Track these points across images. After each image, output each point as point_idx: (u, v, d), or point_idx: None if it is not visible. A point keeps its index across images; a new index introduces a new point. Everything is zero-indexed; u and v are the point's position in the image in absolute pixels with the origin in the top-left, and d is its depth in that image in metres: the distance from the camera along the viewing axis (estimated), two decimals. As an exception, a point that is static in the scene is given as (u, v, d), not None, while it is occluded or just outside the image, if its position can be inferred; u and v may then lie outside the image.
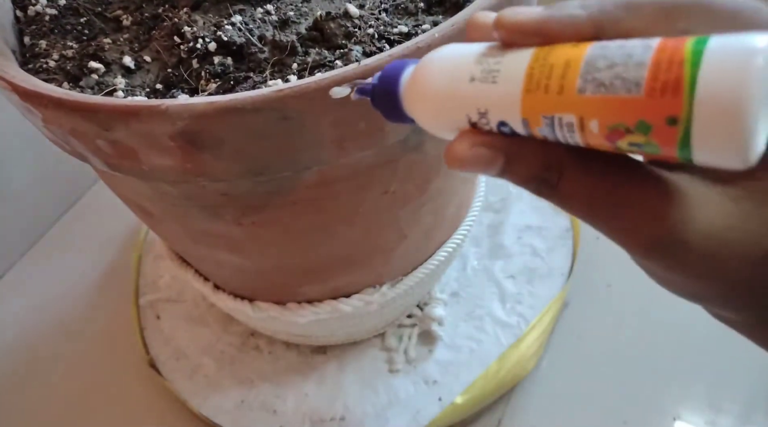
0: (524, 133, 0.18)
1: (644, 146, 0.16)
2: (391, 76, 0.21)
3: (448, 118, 0.19)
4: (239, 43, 0.30)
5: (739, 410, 0.45)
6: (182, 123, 0.25)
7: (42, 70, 0.31)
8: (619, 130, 0.16)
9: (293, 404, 0.47)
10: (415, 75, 0.20)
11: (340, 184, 0.31)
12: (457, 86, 0.18)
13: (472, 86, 0.18)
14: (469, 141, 0.19)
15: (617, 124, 0.16)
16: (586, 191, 0.18)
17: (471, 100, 0.18)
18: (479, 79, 0.18)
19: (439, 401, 0.46)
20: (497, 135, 0.18)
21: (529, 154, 0.18)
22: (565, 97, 0.16)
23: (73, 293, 0.59)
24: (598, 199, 0.18)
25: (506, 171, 0.19)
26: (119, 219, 0.62)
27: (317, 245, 0.36)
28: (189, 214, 0.33)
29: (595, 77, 0.16)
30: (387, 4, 0.31)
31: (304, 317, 0.41)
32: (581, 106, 0.16)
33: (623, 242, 0.19)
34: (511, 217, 0.57)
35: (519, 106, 0.17)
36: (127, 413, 0.50)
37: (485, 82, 0.18)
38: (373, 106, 0.22)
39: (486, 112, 0.18)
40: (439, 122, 0.20)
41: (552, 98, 0.17)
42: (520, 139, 0.18)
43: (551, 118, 0.17)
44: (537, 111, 0.17)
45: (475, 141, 0.19)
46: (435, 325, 0.50)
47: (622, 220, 0.18)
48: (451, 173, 0.37)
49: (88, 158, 0.29)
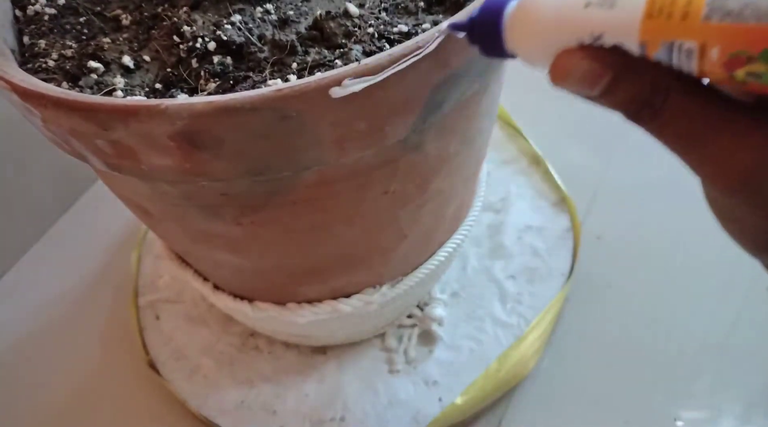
0: (639, 55, 0.18)
1: (764, 76, 0.16)
2: (494, 8, 0.21)
3: (558, 44, 0.20)
4: (239, 43, 0.30)
5: (739, 410, 0.45)
6: (181, 123, 0.25)
7: (41, 69, 0.31)
8: (741, 58, 0.16)
9: (293, 404, 0.47)
10: (524, 4, 0.20)
11: (340, 184, 0.31)
12: (571, 12, 0.19)
13: (587, 11, 0.19)
14: (580, 53, 0.19)
15: (740, 51, 0.16)
16: (687, 117, 0.18)
17: (586, 24, 0.19)
18: (596, 3, 0.19)
19: (439, 401, 0.46)
20: (609, 51, 0.19)
21: (638, 74, 0.19)
22: (689, 23, 0.17)
23: (72, 293, 0.59)
24: (698, 126, 0.18)
25: (609, 91, 0.19)
26: (118, 219, 0.62)
27: (317, 245, 0.36)
28: (188, 214, 0.33)
29: (723, 5, 0.16)
30: (387, 3, 0.31)
31: (303, 317, 0.41)
32: (705, 33, 0.17)
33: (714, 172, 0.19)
34: (512, 217, 0.57)
35: (638, 31, 0.18)
36: (126, 414, 0.50)
37: (602, 7, 0.19)
38: (470, 41, 0.22)
39: (601, 36, 0.19)
40: (547, 50, 0.20)
41: (674, 24, 0.17)
42: (632, 58, 0.19)
43: (671, 43, 0.17)
44: (657, 36, 0.18)
45: (585, 53, 0.19)
46: (435, 325, 0.50)
47: (720, 149, 0.18)
48: (452, 173, 0.37)
49: (87, 158, 0.29)
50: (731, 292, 0.52)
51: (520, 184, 0.60)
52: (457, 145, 0.35)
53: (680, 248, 0.55)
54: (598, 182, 0.61)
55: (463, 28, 0.23)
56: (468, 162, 0.39)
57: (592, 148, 0.65)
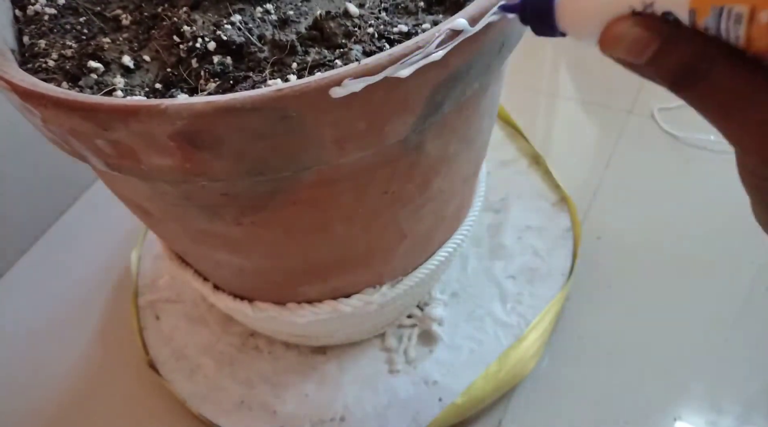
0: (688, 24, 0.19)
1: None
2: None
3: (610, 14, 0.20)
4: (239, 43, 0.30)
5: (739, 410, 0.45)
6: (181, 123, 0.25)
7: (41, 69, 0.31)
8: None
9: (293, 404, 0.47)
10: None
11: (340, 184, 0.31)
12: None
13: None
14: (630, 20, 0.20)
15: None
16: (731, 85, 0.19)
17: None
18: None
19: (439, 401, 0.46)
20: (658, 19, 0.19)
21: (685, 43, 0.19)
22: None
23: (73, 292, 0.59)
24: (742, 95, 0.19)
25: (657, 58, 0.20)
26: (118, 219, 0.62)
27: (317, 245, 0.36)
28: (188, 214, 0.33)
29: None
30: (387, 3, 0.31)
31: (303, 317, 0.41)
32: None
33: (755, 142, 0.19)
34: (512, 217, 0.57)
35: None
36: (126, 413, 0.50)
37: None
38: (522, 21, 0.23)
39: (652, 3, 0.19)
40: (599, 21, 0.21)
41: None
42: (680, 26, 0.19)
43: (721, 8, 0.18)
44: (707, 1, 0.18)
45: (636, 21, 0.20)
46: (435, 325, 0.50)
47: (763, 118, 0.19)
48: (451, 173, 0.37)
49: (87, 158, 0.29)
50: (731, 292, 0.52)
51: (520, 184, 0.60)
52: (457, 145, 0.35)
53: (680, 248, 0.55)
54: (598, 182, 0.61)
55: (514, 10, 0.23)
56: (468, 162, 0.39)
57: (592, 148, 0.65)
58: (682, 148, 0.63)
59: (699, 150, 0.63)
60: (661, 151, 0.64)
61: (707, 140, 0.63)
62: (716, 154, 0.62)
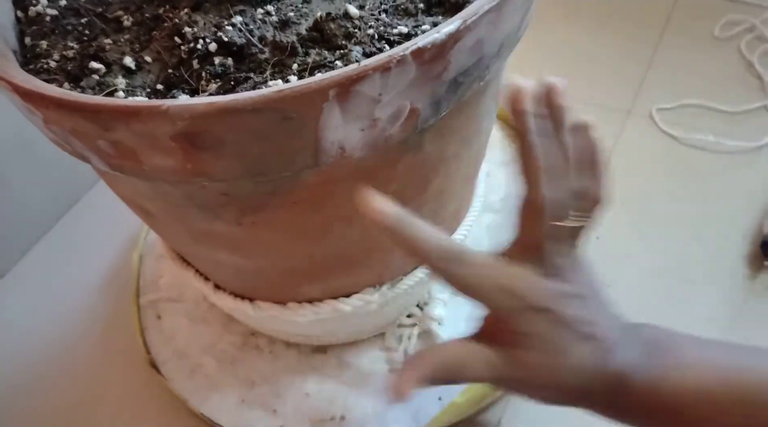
0: None
1: None
2: None
3: None
4: (240, 44, 0.30)
5: (739, 410, 0.45)
6: (183, 123, 0.25)
7: (43, 70, 0.31)
8: None
9: (293, 403, 0.48)
10: None
11: (340, 184, 0.31)
12: None
13: None
14: None
15: None
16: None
17: None
18: None
19: (438, 400, 0.46)
20: None
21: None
22: None
23: (74, 292, 0.59)
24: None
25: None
26: (120, 219, 0.62)
27: (317, 244, 0.36)
28: (189, 214, 0.33)
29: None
30: (387, 4, 0.31)
31: (304, 317, 0.41)
32: None
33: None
34: (512, 217, 0.57)
35: None
36: (127, 413, 0.51)
37: None
38: None
39: None
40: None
41: None
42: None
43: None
44: None
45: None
46: (435, 325, 0.50)
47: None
48: (451, 173, 0.37)
49: (89, 159, 0.29)
50: (731, 292, 0.52)
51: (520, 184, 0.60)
52: (457, 145, 0.35)
53: (680, 248, 0.56)
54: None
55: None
56: (468, 162, 0.39)
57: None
58: (681, 148, 0.64)
59: (698, 150, 0.63)
60: (659, 151, 0.64)
61: (706, 140, 0.63)
62: (715, 155, 0.62)
